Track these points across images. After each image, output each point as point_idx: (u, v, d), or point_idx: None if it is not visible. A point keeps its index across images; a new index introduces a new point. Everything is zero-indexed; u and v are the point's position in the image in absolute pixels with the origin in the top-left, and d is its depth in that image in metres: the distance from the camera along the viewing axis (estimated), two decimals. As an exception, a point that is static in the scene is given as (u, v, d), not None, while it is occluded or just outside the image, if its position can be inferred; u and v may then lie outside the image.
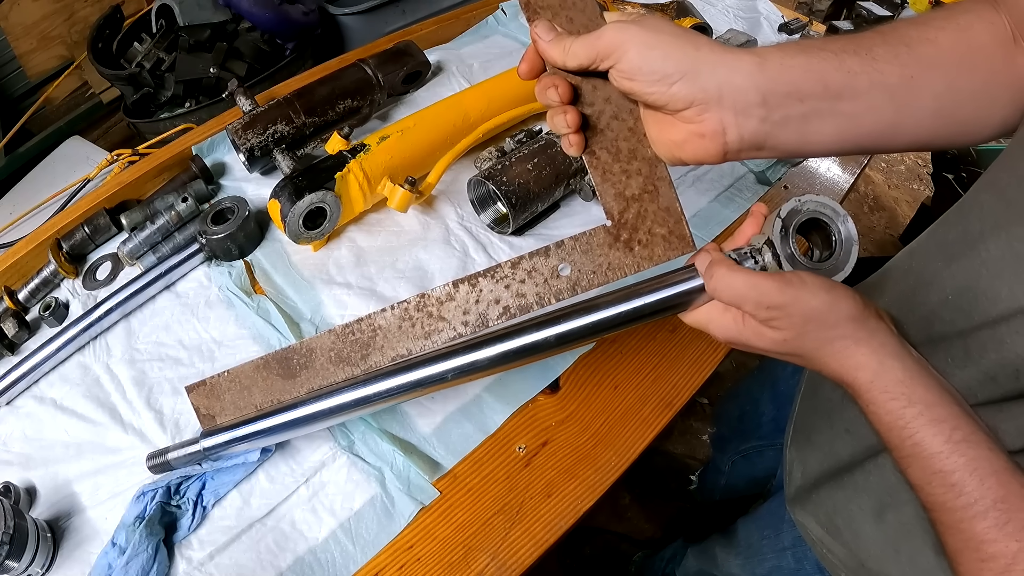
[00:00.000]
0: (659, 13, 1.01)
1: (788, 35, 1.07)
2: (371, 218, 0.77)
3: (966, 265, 0.40)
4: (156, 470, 0.54)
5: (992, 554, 0.33)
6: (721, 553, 0.83)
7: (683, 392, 0.62)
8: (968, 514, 0.34)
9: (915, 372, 0.38)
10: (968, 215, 0.42)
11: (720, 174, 0.83)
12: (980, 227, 0.39)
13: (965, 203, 0.43)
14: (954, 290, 0.41)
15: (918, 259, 0.47)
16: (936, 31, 0.39)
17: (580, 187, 0.75)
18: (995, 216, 0.38)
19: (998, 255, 0.37)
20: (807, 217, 0.42)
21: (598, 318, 0.45)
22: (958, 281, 0.40)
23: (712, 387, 1.56)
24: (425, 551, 0.52)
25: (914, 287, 0.45)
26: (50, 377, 0.65)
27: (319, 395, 0.51)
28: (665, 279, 0.44)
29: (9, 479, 0.56)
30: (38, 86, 1.90)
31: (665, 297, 0.44)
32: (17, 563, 0.48)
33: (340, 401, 0.50)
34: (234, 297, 0.68)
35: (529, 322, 0.47)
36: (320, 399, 0.51)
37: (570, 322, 0.46)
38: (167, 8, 1.64)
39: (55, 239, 0.74)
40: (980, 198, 0.42)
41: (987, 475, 0.34)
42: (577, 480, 0.56)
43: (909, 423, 0.36)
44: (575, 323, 0.46)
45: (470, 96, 0.83)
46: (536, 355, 0.48)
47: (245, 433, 0.52)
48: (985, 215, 0.40)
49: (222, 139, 0.85)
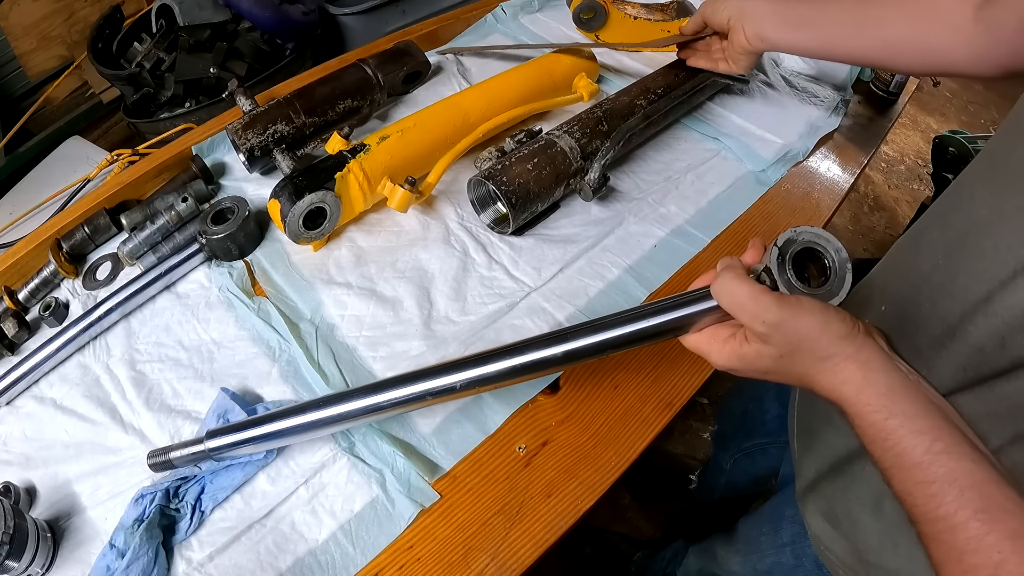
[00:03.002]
0: (659, 12, 1.01)
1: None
2: (371, 218, 0.77)
3: (957, 226, 0.42)
4: (157, 468, 0.54)
5: (974, 564, 0.33)
6: (722, 551, 0.83)
7: (683, 392, 0.61)
8: (949, 524, 0.34)
9: (899, 385, 0.39)
10: (959, 184, 0.45)
11: (720, 174, 0.83)
12: (970, 188, 0.41)
13: (958, 179, 0.46)
14: (944, 253, 0.42)
15: (914, 233, 0.50)
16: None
17: (580, 187, 0.75)
18: (982, 177, 0.40)
19: (985, 213, 0.39)
20: (802, 247, 0.46)
21: (606, 337, 0.48)
22: (950, 243, 0.42)
23: (712, 387, 1.56)
24: (425, 551, 0.52)
25: (911, 257, 0.48)
26: (50, 377, 0.65)
27: (328, 401, 0.51)
28: (676, 301, 0.47)
29: (9, 479, 0.56)
30: (38, 86, 1.90)
31: (676, 318, 0.47)
32: (17, 563, 0.48)
33: (348, 408, 0.51)
34: (234, 298, 0.68)
35: (539, 339, 0.49)
36: (328, 405, 0.51)
37: (579, 340, 0.48)
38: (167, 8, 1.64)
39: (55, 239, 0.74)
40: (971, 167, 0.44)
41: (967, 486, 0.34)
42: (577, 480, 0.56)
43: (890, 435, 0.37)
44: (584, 341, 0.48)
45: (470, 96, 0.83)
46: (542, 371, 0.50)
47: (251, 436, 0.52)
48: (974, 178, 0.42)
49: (222, 139, 0.85)
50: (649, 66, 0.97)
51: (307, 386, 0.61)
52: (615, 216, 0.77)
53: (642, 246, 0.74)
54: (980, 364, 0.38)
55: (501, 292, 0.69)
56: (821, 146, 0.89)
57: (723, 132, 0.88)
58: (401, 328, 0.65)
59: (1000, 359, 0.37)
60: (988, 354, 0.38)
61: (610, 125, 0.77)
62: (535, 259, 0.72)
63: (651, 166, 0.84)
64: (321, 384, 0.60)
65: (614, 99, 0.81)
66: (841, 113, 0.93)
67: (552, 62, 0.89)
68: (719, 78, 0.87)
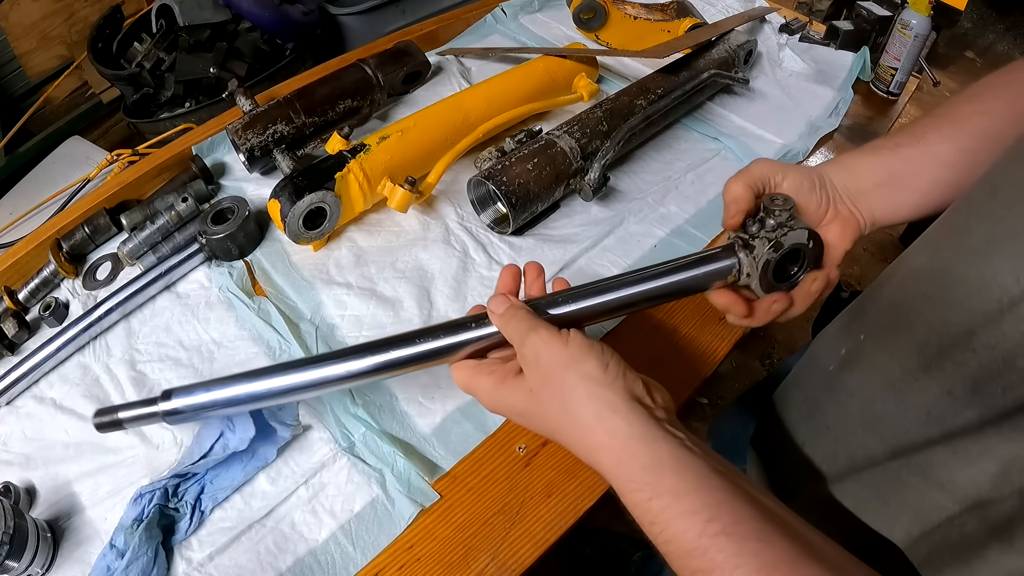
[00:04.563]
0: (659, 13, 1.01)
1: (789, 35, 1.07)
2: (371, 218, 0.77)
3: (948, 253, 0.38)
4: (104, 429, 0.49)
5: None
6: None
7: (683, 392, 0.61)
8: None
9: (666, 457, 0.34)
10: (956, 209, 0.42)
11: (720, 174, 0.83)
12: (965, 217, 0.38)
13: (954, 205, 0.43)
14: (932, 279, 0.39)
15: (909, 256, 0.48)
16: (991, 100, 0.46)
17: (580, 187, 0.75)
18: (980, 205, 0.37)
19: (980, 240, 0.35)
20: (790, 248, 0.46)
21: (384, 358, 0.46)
22: (936, 272, 0.39)
23: (712, 387, 1.56)
24: (425, 551, 0.52)
25: (896, 283, 0.45)
26: (50, 377, 0.65)
27: (295, 365, 0.48)
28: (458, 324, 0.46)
29: (9, 479, 0.56)
30: (38, 86, 1.90)
31: (455, 342, 0.45)
32: (17, 563, 0.48)
33: (321, 374, 0.47)
34: (234, 298, 0.68)
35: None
36: (297, 369, 0.48)
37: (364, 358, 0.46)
38: (167, 8, 1.64)
39: (55, 239, 0.74)
40: (970, 194, 0.42)
41: (752, 572, 0.29)
42: (577, 480, 0.55)
43: (657, 517, 0.32)
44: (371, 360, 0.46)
45: (470, 96, 0.83)
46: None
47: (210, 399, 0.48)
48: (971, 205, 0.39)
49: (222, 139, 0.85)
50: (649, 66, 0.97)
51: (307, 386, 0.61)
52: (615, 216, 0.77)
53: (642, 246, 0.74)
54: (944, 412, 0.34)
55: (501, 292, 0.69)
56: (821, 146, 0.89)
57: (723, 132, 0.88)
58: (401, 328, 0.64)
59: (967, 407, 0.32)
60: (957, 399, 0.33)
61: (610, 125, 0.77)
62: (535, 259, 0.71)
63: (651, 166, 0.84)
64: (321, 384, 0.60)
65: (614, 99, 0.81)
66: (841, 113, 0.93)
67: (552, 62, 0.89)
68: (719, 78, 0.87)
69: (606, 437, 0.35)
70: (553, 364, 0.38)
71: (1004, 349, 0.30)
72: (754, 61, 1.01)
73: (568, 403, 0.37)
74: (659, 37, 1.00)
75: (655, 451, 0.34)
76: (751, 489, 0.34)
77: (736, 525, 0.31)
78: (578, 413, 0.37)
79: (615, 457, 0.35)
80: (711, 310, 0.67)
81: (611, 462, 0.35)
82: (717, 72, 0.87)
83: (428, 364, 0.46)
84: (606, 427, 0.35)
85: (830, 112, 0.93)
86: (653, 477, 0.33)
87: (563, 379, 0.38)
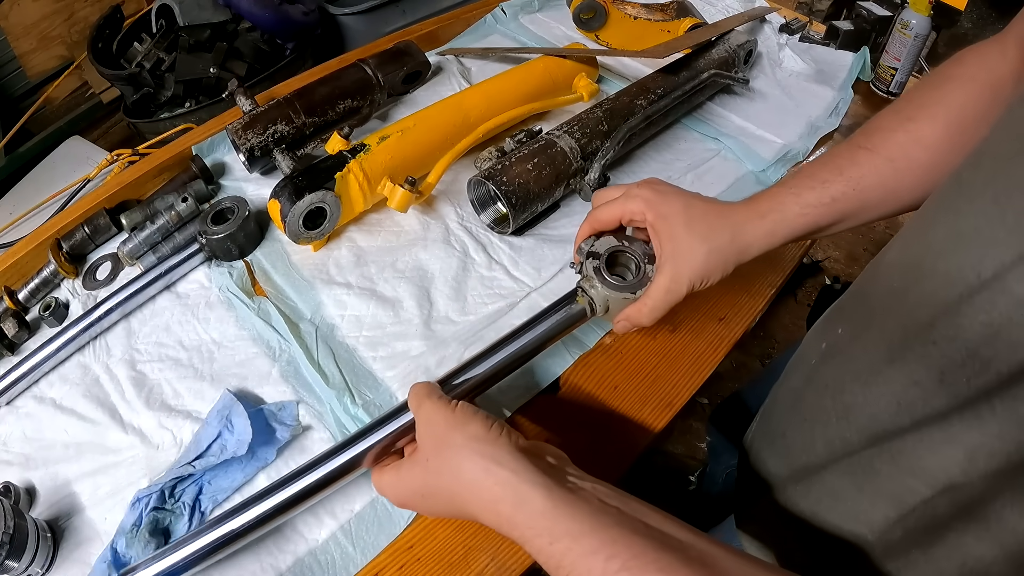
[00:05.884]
0: (659, 13, 1.01)
1: (789, 35, 1.07)
2: (371, 218, 0.77)
3: (917, 247, 0.39)
4: None
5: None
6: None
7: (683, 392, 0.61)
8: None
9: (561, 501, 0.34)
10: (928, 203, 0.41)
11: (720, 174, 0.83)
12: (935, 212, 0.38)
13: (928, 200, 0.43)
14: (903, 274, 0.39)
15: (886, 251, 0.47)
16: (922, 115, 0.48)
17: (580, 187, 0.75)
18: (948, 199, 0.37)
19: (945, 234, 0.35)
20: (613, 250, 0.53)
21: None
22: (906, 265, 0.39)
23: (712, 387, 1.56)
24: (425, 551, 0.52)
25: (872, 276, 0.45)
26: (50, 377, 0.65)
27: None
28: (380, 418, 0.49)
29: (9, 479, 0.56)
30: (38, 86, 1.90)
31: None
32: (17, 563, 0.48)
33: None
34: (235, 298, 0.68)
35: None
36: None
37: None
38: (167, 8, 1.64)
39: (55, 239, 0.74)
40: (941, 188, 0.41)
41: None
42: (577, 480, 0.56)
43: (561, 561, 0.33)
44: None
45: (470, 96, 0.83)
46: None
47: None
48: (940, 199, 0.39)
49: (222, 139, 0.85)
50: (649, 66, 0.97)
51: (307, 386, 0.61)
52: (615, 216, 0.77)
53: (642, 246, 0.74)
54: (913, 401, 0.35)
55: (501, 292, 0.69)
56: (821, 146, 0.89)
57: (723, 132, 0.88)
58: (401, 328, 0.65)
59: (935, 396, 0.33)
60: (925, 389, 0.34)
61: (610, 125, 0.77)
62: (535, 259, 0.72)
63: (651, 166, 0.84)
64: (321, 384, 0.60)
65: (614, 99, 0.81)
66: (841, 113, 0.93)
67: (552, 62, 0.89)
68: (719, 78, 0.87)
69: (498, 489, 0.36)
70: (442, 427, 0.41)
71: (966, 340, 0.31)
72: (754, 61, 1.01)
73: (458, 464, 0.39)
74: (659, 37, 1.00)
75: (550, 495, 0.35)
76: (645, 517, 0.35)
77: (634, 559, 0.31)
78: (468, 470, 0.38)
79: (510, 506, 0.36)
80: (711, 310, 0.67)
81: (509, 511, 0.36)
82: (717, 72, 0.87)
83: (340, 483, 0.49)
84: (495, 479, 0.37)
85: (830, 112, 0.93)
86: (550, 521, 0.34)
87: (452, 440, 0.40)
